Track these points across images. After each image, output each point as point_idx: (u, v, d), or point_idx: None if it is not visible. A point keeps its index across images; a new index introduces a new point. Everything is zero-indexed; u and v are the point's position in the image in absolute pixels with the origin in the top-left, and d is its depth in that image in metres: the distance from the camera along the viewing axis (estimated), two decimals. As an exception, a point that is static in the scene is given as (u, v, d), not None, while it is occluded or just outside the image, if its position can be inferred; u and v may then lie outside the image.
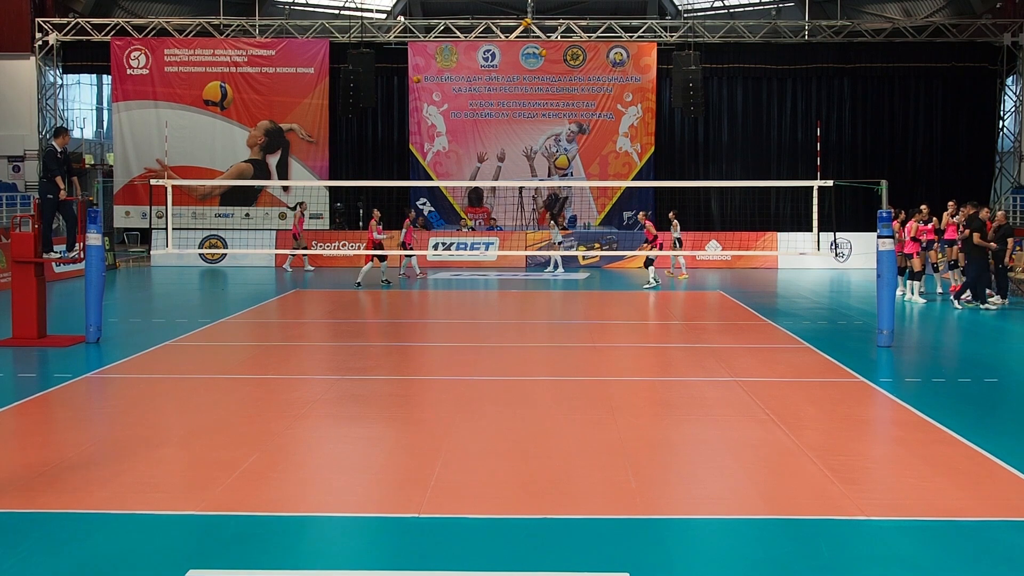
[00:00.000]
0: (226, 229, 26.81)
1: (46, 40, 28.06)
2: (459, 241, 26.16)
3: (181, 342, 12.73)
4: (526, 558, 5.31)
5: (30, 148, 28.13)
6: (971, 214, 17.09)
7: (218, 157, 27.82)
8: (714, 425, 8.36)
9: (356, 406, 9.14)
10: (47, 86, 28.77)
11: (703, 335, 13.85)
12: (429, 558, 5.30)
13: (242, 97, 27.77)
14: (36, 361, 11.41)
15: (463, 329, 14.98)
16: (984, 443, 7.50)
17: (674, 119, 28.52)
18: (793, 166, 28.09)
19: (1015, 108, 28.04)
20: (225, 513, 5.99)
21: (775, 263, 25.21)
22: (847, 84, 28.52)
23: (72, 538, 5.55)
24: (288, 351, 12.73)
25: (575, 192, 27.80)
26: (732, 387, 9.83)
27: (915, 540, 5.60)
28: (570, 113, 27.79)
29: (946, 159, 28.25)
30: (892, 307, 12.39)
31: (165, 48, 27.79)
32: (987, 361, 11.71)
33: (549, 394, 9.59)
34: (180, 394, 9.58)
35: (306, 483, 6.75)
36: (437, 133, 27.90)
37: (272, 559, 5.29)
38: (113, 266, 23.84)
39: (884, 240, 12.38)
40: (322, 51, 27.79)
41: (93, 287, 12.44)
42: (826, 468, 6.89)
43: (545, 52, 27.47)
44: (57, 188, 12.47)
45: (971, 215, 17.08)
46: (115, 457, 7.17)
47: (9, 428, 8.31)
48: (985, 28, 27.35)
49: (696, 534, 5.76)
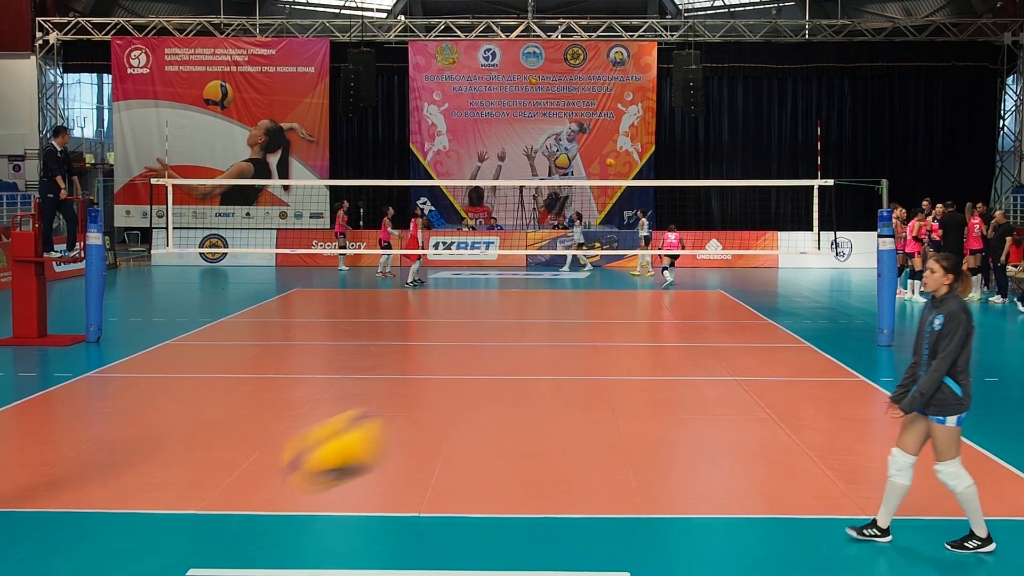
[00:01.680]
0: (226, 228, 26.79)
1: (46, 39, 28.04)
2: (459, 240, 26.15)
3: (181, 341, 12.73)
4: (526, 558, 5.31)
5: (30, 147, 28.10)
6: (950, 212, 17.21)
7: (218, 156, 27.79)
8: (714, 424, 8.36)
9: (356, 406, 9.11)
10: (47, 85, 28.76)
11: (703, 334, 13.85)
12: (429, 557, 5.30)
13: (242, 96, 27.75)
14: (36, 360, 11.41)
15: (463, 329, 14.98)
16: (984, 442, 7.50)
17: (674, 118, 28.49)
18: (793, 165, 28.06)
19: (1015, 107, 28.02)
20: (225, 513, 6.00)
21: (775, 262, 25.19)
22: (847, 83, 28.49)
23: (72, 538, 5.55)
24: (288, 350, 12.73)
25: (575, 191, 27.78)
26: (732, 386, 9.83)
27: (915, 539, 5.60)
28: (570, 112, 27.77)
29: (946, 158, 28.23)
30: (893, 306, 12.40)
31: (165, 47, 27.76)
32: (987, 360, 11.70)
33: (549, 394, 9.59)
34: (180, 394, 9.58)
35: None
36: (437, 132, 27.88)
37: (272, 559, 5.30)
38: (113, 265, 23.83)
39: (884, 239, 12.39)
40: (322, 50, 27.77)
41: (93, 286, 12.44)
42: (826, 467, 6.89)
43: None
44: (57, 187, 12.47)
45: (949, 214, 17.19)
46: (115, 457, 7.18)
47: (9, 427, 8.31)
48: (985, 27, 27.33)
49: (696, 534, 5.76)
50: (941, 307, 5.22)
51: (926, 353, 5.24)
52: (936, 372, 5.16)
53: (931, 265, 5.29)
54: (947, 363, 5.15)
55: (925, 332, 5.26)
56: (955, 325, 5.14)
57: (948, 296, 5.23)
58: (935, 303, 5.28)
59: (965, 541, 5.34)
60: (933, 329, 5.19)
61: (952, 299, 5.22)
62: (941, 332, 5.15)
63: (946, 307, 5.20)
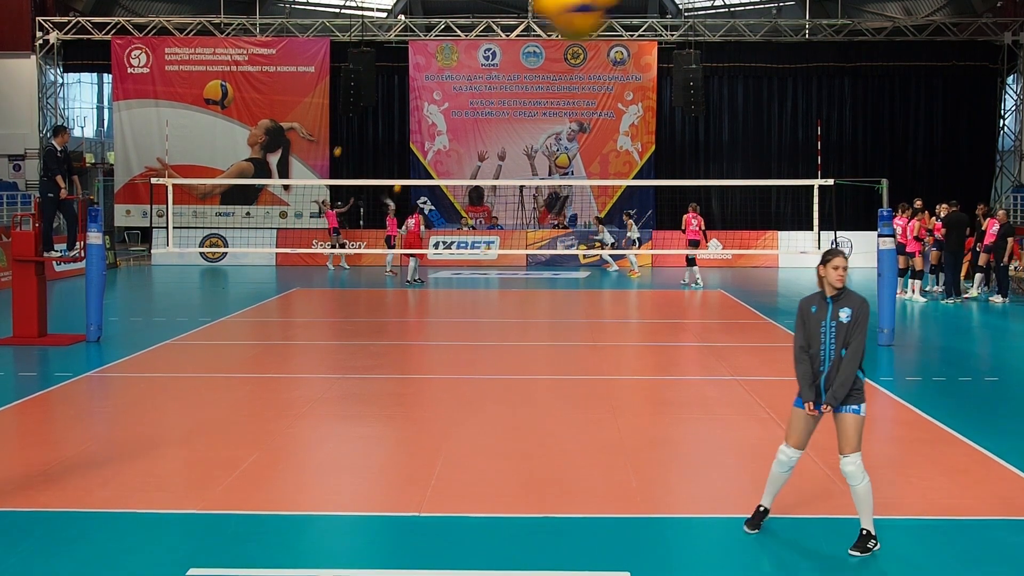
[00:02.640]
0: (227, 228, 26.79)
1: (47, 39, 28.04)
2: (460, 240, 26.15)
3: (182, 341, 12.73)
4: (526, 557, 5.31)
5: (31, 147, 28.10)
6: (954, 212, 17.23)
7: (219, 156, 27.79)
8: (715, 424, 8.35)
9: (357, 405, 9.14)
10: (48, 85, 28.75)
11: (704, 334, 13.85)
12: (429, 557, 5.30)
13: (243, 96, 27.76)
14: (37, 360, 11.41)
15: (464, 328, 14.98)
16: (985, 442, 7.50)
17: (675, 118, 28.48)
18: (794, 165, 28.05)
19: (1016, 107, 28.02)
20: (225, 512, 6.00)
21: (776, 262, 25.20)
22: (848, 83, 28.49)
23: (72, 538, 5.55)
24: (289, 350, 12.73)
25: (576, 191, 27.78)
26: (733, 386, 9.83)
27: (916, 539, 5.60)
28: (571, 112, 27.77)
29: (947, 158, 28.21)
30: (893, 306, 12.39)
31: (166, 47, 27.76)
32: (988, 360, 11.71)
33: (550, 393, 9.59)
34: (180, 393, 9.58)
35: (306, 482, 6.75)
36: (438, 132, 27.88)
37: (272, 558, 5.29)
38: (114, 265, 23.83)
39: (884, 239, 12.39)
40: (323, 50, 27.77)
41: (94, 286, 12.44)
42: (827, 467, 6.88)
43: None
44: (57, 187, 12.46)
45: (953, 213, 17.20)
46: (115, 456, 7.18)
47: (10, 427, 8.31)
48: (986, 27, 27.32)
49: (696, 533, 5.75)
50: (844, 300, 5.30)
51: (831, 347, 5.29)
52: (854, 362, 5.25)
53: (839, 262, 5.33)
54: (862, 351, 5.28)
55: (827, 327, 5.30)
56: (863, 316, 5.28)
57: (845, 289, 5.34)
58: (835, 298, 5.33)
59: (867, 543, 5.28)
60: (841, 322, 5.27)
61: (852, 292, 5.35)
62: (850, 324, 5.25)
63: (850, 300, 5.30)
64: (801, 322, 5.45)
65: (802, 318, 5.45)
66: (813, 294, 5.49)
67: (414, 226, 20.75)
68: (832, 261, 5.34)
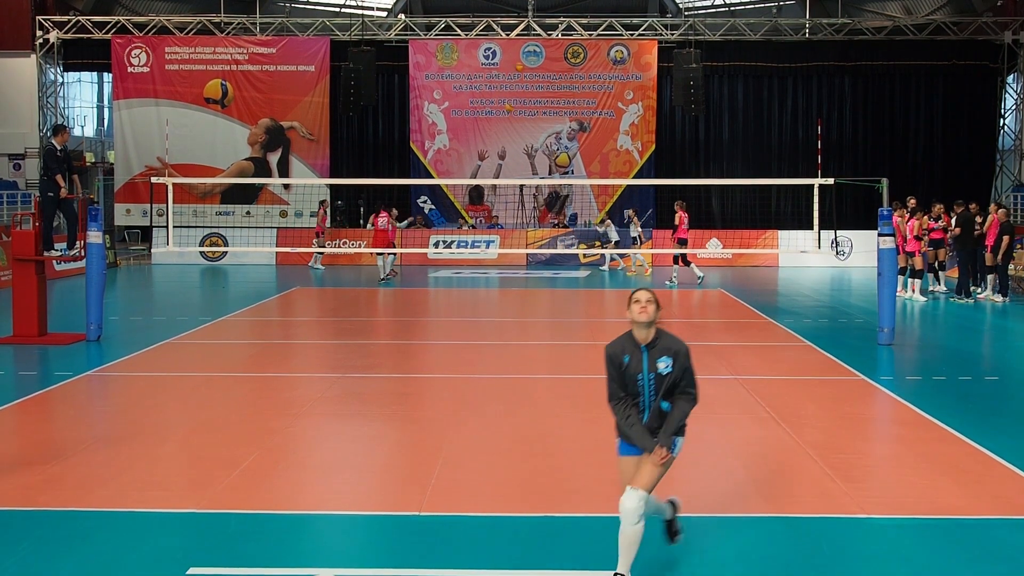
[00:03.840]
0: (227, 227, 26.80)
1: (47, 38, 28.03)
2: (460, 239, 26.15)
3: (182, 340, 12.73)
4: (526, 557, 5.31)
5: (31, 146, 28.09)
6: (963, 212, 17.24)
7: (219, 155, 27.79)
8: (715, 423, 8.35)
9: (357, 404, 9.14)
10: (48, 84, 28.75)
11: (704, 333, 13.84)
12: (429, 556, 5.30)
13: (243, 95, 27.75)
14: (37, 359, 11.41)
15: (464, 327, 14.98)
16: (985, 441, 7.50)
17: (675, 117, 28.48)
18: (794, 164, 28.04)
19: (1016, 106, 28.01)
20: (225, 511, 6.00)
21: (776, 261, 25.19)
22: (848, 82, 28.48)
23: (72, 537, 5.55)
24: (289, 349, 12.73)
25: (576, 190, 27.78)
26: (733, 385, 9.82)
27: (916, 538, 5.60)
28: (571, 111, 27.76)
29: (947, 157, 28.21)
30: (893, 305, 12.39)
31: (166, 46, 27.75)
32: (988, 359, 11.71)
33: (550, 393, 9.59)
34: (181, 392, 9.58)
35: (306, 481, 6.75)
36: (438, 131, 27.87)
37: (272, 557, 5.29)
38: (114, 264, 23.82)
39: (885, 238, 12.38)
40: (323, 49, 27.76)
41: (94, 285, 12.44)
42: (827, 466, 6.88)
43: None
44: (57, 186, 12.47)
45: (963, 213, 17.22)
46: (115, 456, 7.18)
47: (10, 426, 8.31)
48: (986, 26, 27.31)
49: (696, 533, 5.75)
50: (661, 348, 4.86)
51: (650, 398, 4.89)
52: (691, 403, 4.92)
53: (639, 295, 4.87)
54: (696, 392, 4.94)
55: (644, 379, 4.86)
56: (688, 358, 4.89)
57: (660, 333, 4.89)
58: (649, 345, 4.86)
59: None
60: (659, 374, 4.84)
61: (666, 336, 4.91)
62: (673, 375, 4.84)
63: (667, 347, 4.87)
64: (615, 373, 4.93)
65: (615, 369, 4.92)
66: (621, 338, 4.95)
67: (386, 224, 20.72)
68: (633, 296, 4.89)
